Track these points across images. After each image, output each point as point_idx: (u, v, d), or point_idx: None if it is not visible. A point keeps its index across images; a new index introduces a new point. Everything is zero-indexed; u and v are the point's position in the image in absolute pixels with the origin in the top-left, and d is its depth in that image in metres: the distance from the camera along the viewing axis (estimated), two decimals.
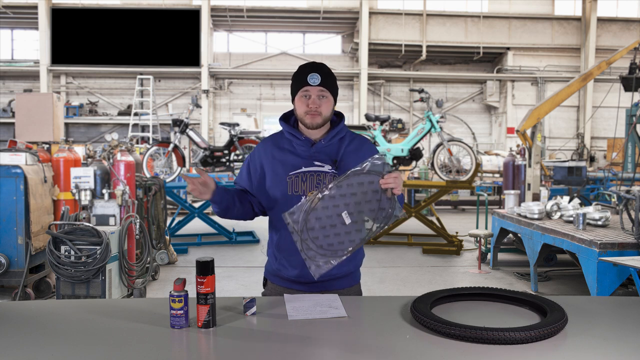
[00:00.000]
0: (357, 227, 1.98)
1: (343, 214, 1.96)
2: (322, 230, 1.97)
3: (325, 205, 1.97)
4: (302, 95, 2.14)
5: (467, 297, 2.03)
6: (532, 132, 7.58)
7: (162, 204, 6.82)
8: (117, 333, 1.71)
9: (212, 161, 8.40)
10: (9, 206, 5.15)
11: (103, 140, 15.06)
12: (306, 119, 2.13)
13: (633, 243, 4.53)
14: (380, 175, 1.97)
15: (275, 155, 2.19)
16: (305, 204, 1.96)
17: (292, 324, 1.79)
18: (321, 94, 2.12)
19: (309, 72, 2.12)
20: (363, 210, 1.98)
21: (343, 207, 1.96)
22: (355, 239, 1.98)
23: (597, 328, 1.76)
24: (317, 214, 1.96)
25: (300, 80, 2.14)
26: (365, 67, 17.01)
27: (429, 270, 6.85)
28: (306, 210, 1.95)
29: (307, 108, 2.12)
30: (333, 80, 2.17)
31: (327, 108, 2.15)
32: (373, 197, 1.98)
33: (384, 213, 1.99)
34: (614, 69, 14.85)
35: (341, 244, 1.98)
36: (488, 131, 18.76)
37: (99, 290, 4.54)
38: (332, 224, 1.97)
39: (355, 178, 1.97)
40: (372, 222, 1.99)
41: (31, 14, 16.46)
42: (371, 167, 1.97)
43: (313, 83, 2.10)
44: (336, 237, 1.97)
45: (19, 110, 6.24)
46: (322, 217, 1.96)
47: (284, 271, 2.19)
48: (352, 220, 1.97)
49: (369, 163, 1.98)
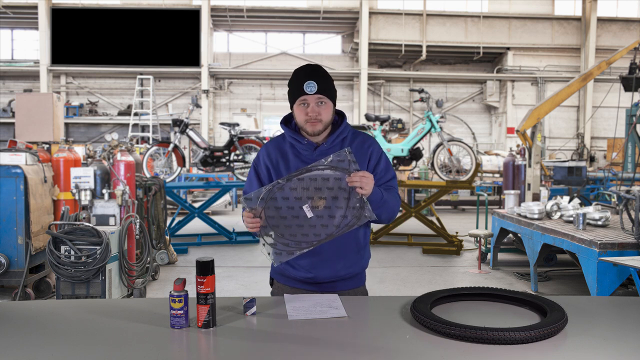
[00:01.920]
0: (322, 222, 1.97)
1: (304, 207, 1.96)
2: (283, 220, 1.97)
3: (286, 195, 1.96)
4: (300, 104, 2.12)
5: (467, 297, 2.03)
6: (532, 132, 7.58)
7: (162, 204, 6.82)
8: (117, 333, 1.71)
9: (212, 161, 8.40)
10: (9, 206, 5.15)
11: (103, 140, 15.06)
12: (307, 127, 2.12)
13: (633, 243, 4.52)
14: (346, 172, 1.94)
15: (279, 160, 2.18)
16: (262, 191, 1.97)
17: (292, 324, 1.79)
18: (319, 100, 2.10)
19: (305, 80, 2.08)
20: (330, 206, 1.96)
21: (306, 200, 1.96)
22: (321, 233, 1.97)
23: (597, 328, 1.76)
24: (277, 203, 1.97)
25: (296, 89, 2.11)
26: (365, 67, 17.01)
27: (429, 270, 6.85)
28: (263, 198, 1.96)
29: (307, 117, 2.10)
30: (330, 84, 2.14)
31: (327, 113, 2.13)
32: (340, 194, 1.96)
33: (354, 212, 1.97)
34: (614, 69, 14.85)
35: (305, 236, 1.97)
36: (488, 131, 18.76)
37: (99, 290, 4.54)
38: (295, 216, 1.97)
39: (319, 173, 1.95)
40: (340, 219, 1.97)
41: (31, 14, 16.46)
42: (334, 162, 1.95)
43: (310, 92, 2.08)
44: (299, 229, 1.97)
45: (19, 110, 6.24)
46: (283, 207, 1.96)
47: (290, 272, 2.19)
48: (316, 214, 1.96)
49: (333, 158, 1.95)
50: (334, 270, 2.15)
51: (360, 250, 2.21)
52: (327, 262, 2.13)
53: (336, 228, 1.97)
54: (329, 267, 2.14)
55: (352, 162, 1.95)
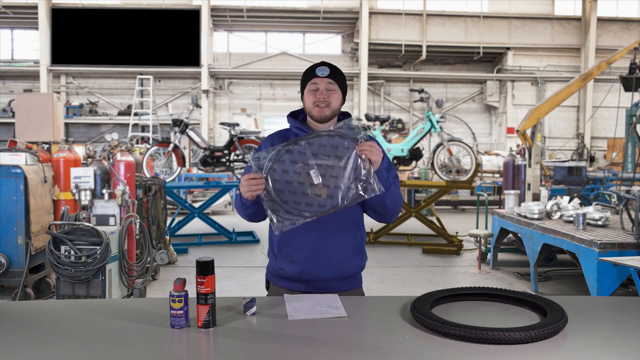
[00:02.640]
0: (328, 192, 1.92)
1: (311, 172, 1.91)
2: (288, 185, 1.92)
3: (294, 159, 1.92)
4: (310, 88, 2.14)
5: (467, 297, 2.02)
6: (532, 132, 7.58)
7: (162, 204, 6.82)
8: (117, 333, 1.71)
9: (212, 161, 8.40)
10: (9, 206, 5.15)
11: (103, 140, 15.06)
12: (314, 111, 2.13)
13: (633, 243, 4.53)
14: (356, 142, 1.93)
15: None
16: (272, 152, 1.93)
17: (292, 324, 1.79)
18: (329, 86, 2.13)
19: (318, 65, 2.15)
20: (337, 175, 1.92)
21: (314, 166, 1.92)
22: (326, 204, 1.93)
23: (597, 328, 1.76)
24: (284, 166, 1.92)
25: (309, 74, 2.16)
26: (365, 67, 17.01)
27: (429, 270, 6.85)
28: (271, 159, 1.92)
29: (316, 99, 2.12)
30: (342, 76, 2.19)
31: (336, 100, 2.15)
32: (349, 164, 1.93)
33: (362, 184, 1.93)
34: (614, 69, 14.85)
35: (309, 205, 1.92)
36: (488, 131, 18.76)
37: (99, 290, 4.54)
38: (300, 182, 1.92)
39: (329, 140, 1.93)
40: (347, 190, 1.93)
41: (31, 14, 16.46)
42: (345, 129, 1.93)
43: (321, 74, 2.12)
44: (304, 197, 1.92)
45: (19, 110, 6.24)
46: (289, 171, 1.92)
47: (286, 268, 2.18)
48: (323, 183, 1.92)
49: (344, 125, 1.94)
50: (331, 266, 2.14)
51: (357, 249, 2.21)
52: (324, 256, 2.13)
53: (341, 199, 1.93)
54: (326, 262, 2.14)
55: (362, 129, 1.94)
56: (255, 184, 1.92)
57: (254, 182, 1.92)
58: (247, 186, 1.93)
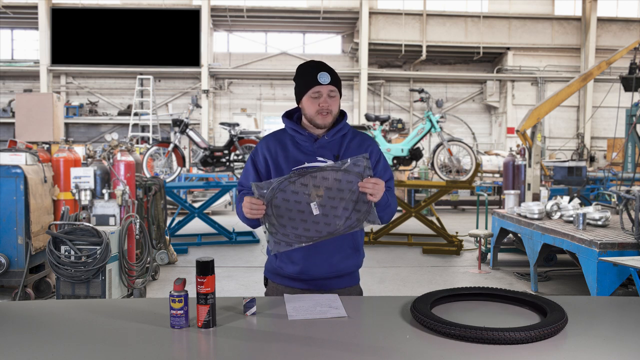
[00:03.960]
0: (326, 221, 1.98)
1: (312, 205, 1.97)
2: (289, 212, 1.98)
3: (296, 190, 1.97)
4: (312, 96, 2.12)
5: (467, 297, 2.03)
6: (532, 132, 7.57)
7: (162, 204, 6.82)
8: (117, 333, 1.71)
9: (212, 161, 8.40)
10: (9, 206, 5.15)
11: (103, 140, 15.06)
12: (317, 119, 2.12)
13: (633, 243, 4.52)
14: (360, 177, 1.97)
15: (278, 151, 2.18)
16: (274, 183, 1.98)
17: (292, 324, 1.79)
18: (331, 93, 2.13)
19: (318, 71, 2.11)
20: (337, 206, 1.98)
21: (315, 197, 1.97)
22: (323, 231, 1.99)
23: (597, 328, 1.76)
24: (286, 195, 1.98)
25: (309, 80, 2.12)
26: (365, 67, 17.01)
27: (429, 270, 6.85)
28: (274, 189, 1.97)
29: (319, 107, 2.11)
30: (339, 78, 2.19)
31: (336, 106, 2.16)
32: (349, 196, 1.98)
33: (358, 215, 2.00)
34: (614, 69, 14.85)
35: (307, 230, 1.99)
36: (488, 131, 18.76)
37: (99, 290, 4.54)
38: (300, 210, 1.98)
39: (333, 173, 1.98)
40: (344, 220, 1.99)
41: (31, 14, 16.46)
42: (350, 167, 1.97)
43: (324, 82, 2.10)
44: (302, 223, 1.98)
45: (19, 110, 6.24)
46: (290, 200, 1.98)
47: (285, 268, 2.19)
48: (322, 212, 1.98)
49: (350, 162, 1.98)
50: (329, 265, 2.15)
51: (355, 248, 2.22)
52: (322, 256, 2.14)
53: (337, 227, 1.99)
54: (324, 262, 2.15)
55: (367, 168, 1.98)
56: (257, 209, 1.98)
57: (255, 206, 1.98)
58: (248, 208, 1.99)
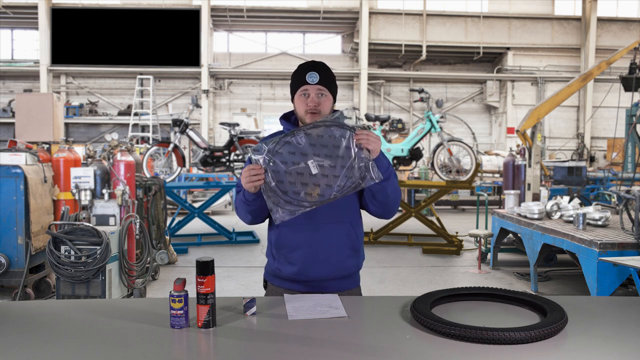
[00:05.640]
0: (327, 182, 1.95)
1: (309, 162, 1.93)
2: (288, 176, 1.94)
3: (292, 150, 1.94)
4: (301, 94, 2.13)
5: (467, 297, 2.02)
6: (532, 132, 7.58)
7: (162, 204, 6.82)
8: (117, 333, 1.71)
9: (212, 161, 8.40)
10: (9, 206, 5.15)
11: (103, 140, 15.06)
12: (306, 118, 2.12)
13: (633, 243, 4.52)
14: (352, 130, 1.94)
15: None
16: (270, 144, 1.95)
17: (292, 324, 1.79)
18: (320, 92, 2.12)
19: (307, 71, 2.11)
20: (335, 165, 1.94)
21: (312, 156, 1.94)
22: (325, 194, 1.95)
23: (597, 328, 1.76)
24: (283, 157, 1.95)
25: (298, 79, 2.13)
26: (365, 67, 17.01)
27: (429, 270, 6.85)
28: (270, 151, 1.95)
29: (307, 107, 2.11)
30: (332, 79, 2.16)
31: (327, 106, 2.14)
32: (346, 153, 1.94)
33: (358, 173, 1.95)
34: (614, 69, 14.85)
35: (308, 195, 1.95)
36: (488, 131, 18.76)
37: (99, 290, 4.54)
38: (299, 172, 1.94)
39: (326, 130, 1.95)
40: (345, 179, 1.95)
41: (31, 14, 16.46)
42: (340, 117, 1.95)
43: (311, 82, 2.10)
44: (303, 187, 1.95)
45: (19, 110, 6.24)
46: (288, 162, 1.94)
47: (283, 269, 2.18)
48: (322, 173, 1.94)
49: (339, 114, 1.95)
50: (328, 266, 2.14)
51: (355, 249, 2.21)
52: (320, 257, 2.13)
53: (340, 188, 1.95)
54: (322, 262, 2.14)
55: (359, 119, 1.96)
56: (255, 174, 1.95)
57: (253, 172, 1.95)
58: (247, 177, 1.96)
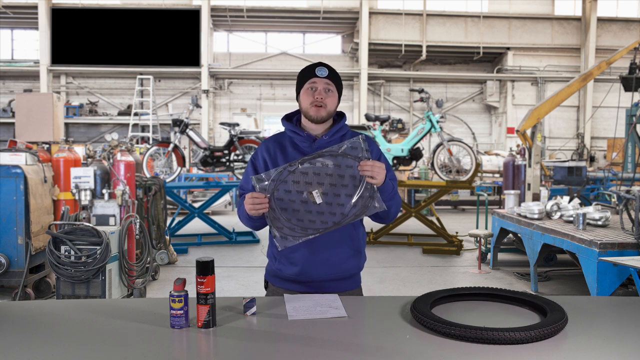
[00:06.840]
0: (331, 210, 1.95)
1: (314, 192, 1.94)
2: (291, 203, 1.95)
3: (296, 179, 1.95)
4: (308, 88, 2.14)
5: (467, 297, 2.02)
6: (532, 132, 7.58)
7: (162, 204, 6.82)
8: (117, 333, 1.71)
9: (212, 161, 8.40)
10: (9, 206, 5.15)
11: (103, 140, 15.06)
12: (311, 111, 2.13)
13: (633, 243, 4.52)
14: (358, 160, 1.94)
15: (277, 153, 2.19)
16: (274, 173, 1.95)
17: (292, 324, 1.79)
18: (327, 87, 2.13)
19: (317, 66, 2.15)
20: (339, 194, 1.95)
21: (316, 185, 1.94)
22: (328, 221, 1.96)
23: (597, 328, 1.76)
24: (287, 186, 1.95)
25: (307, 74, 2.16)
26: (365, 67, 17.01)
27: (429, 270, 6.85)
28: (274, 180, 1.95)
29: (313, 99, 2.12)
30: (339, 78, 2.20)
31: (332, 102, 2.15)
32: (351, 182, 1.95)
33: (363, 202, 1.96)
34: (614, 69, 14.85)
35: (312, 222, 1.96)
36: (488, 131, 18.76)
37: (99, 290, 4.54)
38: (303, 200, 1.95)
39: (331, 159, 1.95)
40: (349, 208, 1.96)
41: (31, 14, 16.46)
42: (348, 150, 1.95)
43: (321, 75, 2.12)
44: (307, 215, 1.95)
45: (19, 110, 6.24)
46: (292, 190, 1.95)
47: (284, 270, 2.18)
48: (326, 201, 1.95)
49: (347, 145, 1.95)
50: (329, 266, 2.14)
51: (357, 250, 2.21)
52: (322, 257, 2.13)
53: (343, 216, 1.96)
54: (323, 263, 2.14)
55: (365, 150, 1.95)
56: (259, 203, 1.96)
57: (257, 201, 1.96)
58: (251, 204, 1.97)
